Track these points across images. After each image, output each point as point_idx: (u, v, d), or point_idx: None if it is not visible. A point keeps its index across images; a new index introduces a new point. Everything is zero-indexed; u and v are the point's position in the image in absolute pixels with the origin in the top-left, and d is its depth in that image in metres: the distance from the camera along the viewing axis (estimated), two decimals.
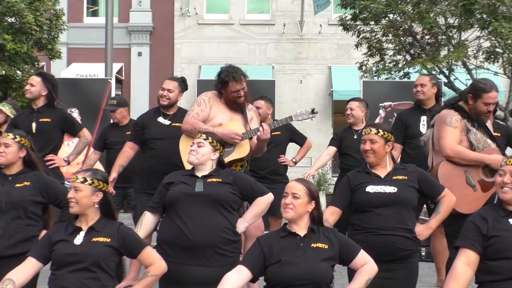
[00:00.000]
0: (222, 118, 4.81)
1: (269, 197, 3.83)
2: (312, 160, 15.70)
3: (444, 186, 3.96)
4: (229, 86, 4.76)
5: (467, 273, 3.15)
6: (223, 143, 4.01)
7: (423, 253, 7.41)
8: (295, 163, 6.43)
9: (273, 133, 5.48)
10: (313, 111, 4.97)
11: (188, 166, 4.11)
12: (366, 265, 3.32)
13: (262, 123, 4.83)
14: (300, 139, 6.44)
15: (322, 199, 10.23)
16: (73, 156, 5.60)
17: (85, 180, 3.39)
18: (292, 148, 6.62)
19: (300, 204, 3.31)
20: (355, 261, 3.33)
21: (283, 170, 6.25)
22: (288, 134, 6.30)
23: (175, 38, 17.75)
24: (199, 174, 3.81)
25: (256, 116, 5.04)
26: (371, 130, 3.86)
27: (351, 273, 3.49)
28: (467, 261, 3.17)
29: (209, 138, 3.88)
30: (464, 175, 4.44)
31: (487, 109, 4.50)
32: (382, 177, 3.81)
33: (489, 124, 4.75)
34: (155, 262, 3.40)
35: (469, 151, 4.44)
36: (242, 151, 4.76)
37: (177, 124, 5.14)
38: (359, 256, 3.34)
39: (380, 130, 3.88)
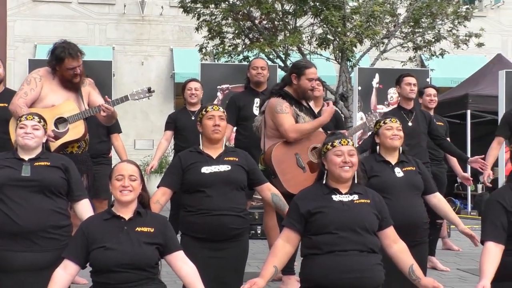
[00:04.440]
0: (55, 98, 4.59)
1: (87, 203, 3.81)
2: (154, 143, 15.63)
3: (266, 179, 4.08)
4: (65, 63, 4.52)
5: (285, 248, 3.33)
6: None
7: (259, 231, 7.70)
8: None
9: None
10: (149, 90, 4.82)
11: None
12: (187, 266, 3.28)
13: (103, 103, 4.64)
14: (113, 127, 5.99)
15: None
16: None
17: None
18: (133, 130, 6.49)
19: (138, 185, 3.29)
20: (171, 256, 3.28)
21: (106, 151, 6.10)
22: None
23: (8, 15, 16.67)
24: (26, 157, 3.66)
25: (93, 89, 4.82)
26: (219, 108, 3.96)
27: None
28: (286, 239, 3.35)
29: (42, 121, 3.76)
30: (294, 157, 4.66)
31: (311, 85, 4.77)
32: (214, 157, 3.88)
33: (313, 105, 5.04)
34: None
35: (306, 124, 4.69)
36: (76, 132, 4.58)
37: (3, 104, 4.86)
38: (178, 254, 3.29)
39: (225, 110, 4.03)
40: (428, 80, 9.15)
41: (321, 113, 4.97)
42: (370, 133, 5.54)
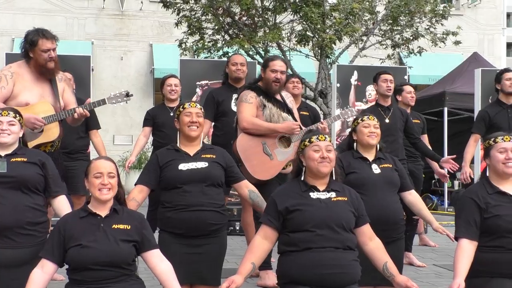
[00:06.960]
0: (29, 96, 4.45)
1: (65, 200, 3.78)
2: (133, 138, 15.56)
3: (244, 177, 4.08)
4: (39, 44, 4.42)
5: (263, 245, 3.36)
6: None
7: (237, 227, 7.71)
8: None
9: None
10: (127, 95, 4.74)
11: None
12: (163, 263, 3.29)
13: (80, 106, 4.58)
14: (92, 123, 5.91)
15: None
16: None
17: None
18: (113, 126, 6.44)
19: (116, 182, 3.28)
20: (147, 254, 3.28)
21: (84, 147, 6.05)
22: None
23: None
24: (2, 153, 3.62)
25: (68, 85, 4.74)
26: (197, 105, 3.96)
27: None
28: (264, 235, 3.37)
29: (17, 115, 3.71)
30: (261, 144, 4.81)
31: (274, 77, 4.93)
32: (192, 155, 3.88)
33: (288, 98, 5.11)
34: None
35: (263, 122, 4.83)
36: (50, 134, 4.46)
37: None
38: (154, 252, 3.30)
39: (203, 106, 4.06)
40: (406, 77, 9.22)
41: (295, 111, 5.07)
42: (348, 131, 5.61)
